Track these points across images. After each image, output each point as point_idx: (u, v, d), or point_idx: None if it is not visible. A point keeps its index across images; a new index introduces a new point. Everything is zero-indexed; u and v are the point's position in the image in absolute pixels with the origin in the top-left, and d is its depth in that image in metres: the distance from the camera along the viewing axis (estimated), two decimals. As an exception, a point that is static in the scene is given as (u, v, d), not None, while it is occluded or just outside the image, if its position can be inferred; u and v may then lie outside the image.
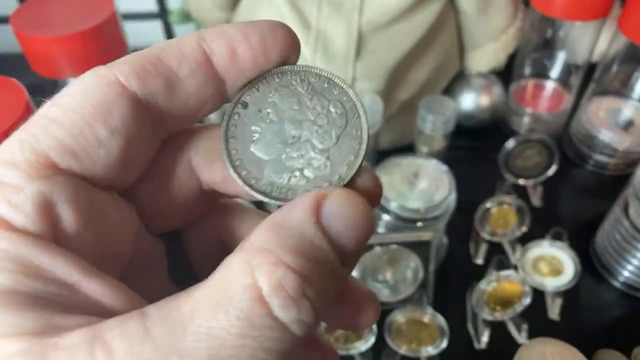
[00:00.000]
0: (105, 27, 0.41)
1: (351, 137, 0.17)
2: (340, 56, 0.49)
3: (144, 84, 0.15)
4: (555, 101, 0.60)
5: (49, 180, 0.14)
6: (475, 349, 0.43)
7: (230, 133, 0.17)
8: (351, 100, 0.17)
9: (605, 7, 0.49)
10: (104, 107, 0.14)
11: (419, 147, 0.53)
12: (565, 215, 0.53)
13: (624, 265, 0.46)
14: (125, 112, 0.15)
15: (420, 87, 0.54)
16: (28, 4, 0.42)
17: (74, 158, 0.14)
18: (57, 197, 0.14)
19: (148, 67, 0.15)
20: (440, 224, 0.44)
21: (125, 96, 0.15)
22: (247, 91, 0.17)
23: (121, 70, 0.15)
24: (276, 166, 0.16)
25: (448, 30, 0.54)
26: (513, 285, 0.42)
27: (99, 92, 0.14)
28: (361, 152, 0.17)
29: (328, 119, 0.17)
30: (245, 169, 0.16)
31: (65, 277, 0.13)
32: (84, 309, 0.13)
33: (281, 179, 0.16)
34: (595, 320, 0.45)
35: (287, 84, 0.17)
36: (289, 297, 0.12)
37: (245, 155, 0.17)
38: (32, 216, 0.13)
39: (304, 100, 0.17)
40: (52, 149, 0.14)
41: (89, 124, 0.14)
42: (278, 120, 0.17)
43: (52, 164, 0.14)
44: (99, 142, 0.14)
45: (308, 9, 0.49)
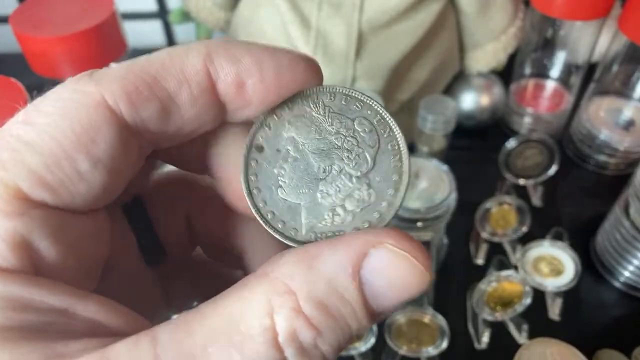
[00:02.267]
0: (105, 27, 0.41)
1: (389, 154, 0.15)
2: (340, 56, 0.49)
3: (136, 109, 0.13)
4: (556, 101, 0.60)
5: (23, 218, 0.12)
6: (476, 349, 0.43)
7: (252, 184, 0.14)
8: (377, 113, 0.15)
9: (605, 7, 0.49)
10: (88, 134, 0.12)
11: (419, 147, 0.53)
12: (566, 215, 0.53)
13: (624, 265, 0.46)
14: (111, 141, 0.13)
15: (421, 87, 0.54)
16: (28, 3, 0.42)
17: (49, 191, 0.13)
18: (34, 234, 0.12)
19: (142, 89, 0.13)
20: (441, 224, 0.44)
21: (112, 122, 0.13)
22: (259, 131, 0.15)
23: (110, 90, 0.13)
24: (313, 209, 0.14)
25: (448, 30, 0.54)
26: (513, 286, 0.42)
27: (83, 115, 0.12)
28: (404, 169, 0.15)
29: (357, 140, 0.15)
30: (280, 220, 0.14)
31: (57, 303, 0.12)
32: (82, 332, 0.12)
33: (323, 222, 0.14)
34: (596, 320, 0.45)
35: (301, 112, 0.15)
36: (302, 348, 0.12)
37: (275, 204, 0.14)
38: (8, 257, 0.12)
39: (324, 127, 0.15)
40: (23, 180, 0.12)
41: (69, 155, 0.12)
42: (301, 156, 0.15)
43: (24, 196, 0.12)
44: (79, 176, 0.13)
45: (308, 9, 0.49)
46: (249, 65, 0.14)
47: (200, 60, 0.13)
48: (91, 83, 0.13)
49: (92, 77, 0.13)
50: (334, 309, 0.12)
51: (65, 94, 0.13)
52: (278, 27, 0.51)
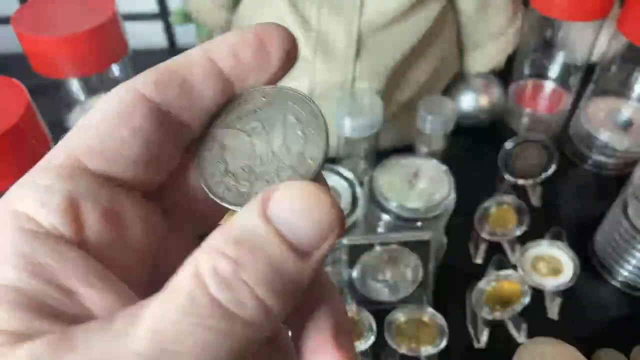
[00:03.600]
0: (106, 28, 0.41)
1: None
2: (340, 57, 0.50)
3: (161, 90, 0.16)
4: (555, 101, 0.60)
5: (78, 182, 0.15)
6: (475, 348, 0.43)
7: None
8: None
9: (604, 8, 0.49)
10: (126, 111, 0.16)
11: (419, 147, 0.53)
12: (565, 215, 0.53)
13: (623, 265, 0.46)
14: (144, 114, 0.16)
15: (420, 88, 0.54)
16: (29, 4, 0.42)
17: (101, 158, 0.16)
18: (85, 198, 0.15)
19: (163, 77, 0.16)
20: (440, 224, 0.44)
21: (144, 101, 0.16)
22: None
23: (139, 82, 0.16)
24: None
25: (448, 30, 0.54)
26: (512, 285, 0.42)
27: (121, 99, 0.16)
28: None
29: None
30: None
31: (68, 284, 0.14)
32: (75, 318, 0.13)
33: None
34: (595, 319, 0.45)
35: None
36: (224, 279, 0.13)
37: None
38: (59, 215, 0.14)
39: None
40: (82, 152, 0.15)
41: (113, 127, 0.16)
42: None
43: (82, 165, 0.15)
44: (123, 142, 0.16)
45: (308, 10, 0.49)
46: (235, 40, 0.17)
47: (200, 52, 0.17)
48: (127, 82, 0.17)
49: (128, 80, 0.17)
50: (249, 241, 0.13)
51: (108, 94, 0.16)
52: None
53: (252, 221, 0.14)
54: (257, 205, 0.14)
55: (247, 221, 0.14)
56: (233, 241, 0.13)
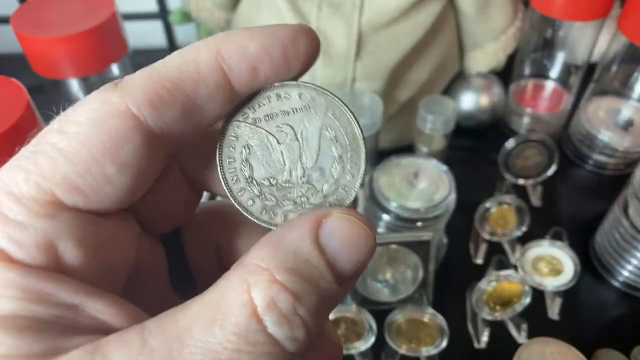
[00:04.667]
0: (106, 27, 0.41)
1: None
2: (340, 56, 0.50)
3: (159, 114, 0.14)
4: (555, 101, 0.60)
5: (53, 219, 0.13)
6: (475, 348, 0.43)
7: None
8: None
9: (604, 7, 0.49)
10: (114, 141, 0.14)
11: (419, 147, 0.53)
12: (565, 215, 0.53)
13: (623, 265, 0.46)
14: (136, 146, 0.14)
15: (420, 87, 0.54)
16: (28, 4, 0.42)
17: (80, 195, 0.14)
18: (61, 236, 0.14)
19: (163, 94, 0.14)
20: (440, 224, 0.44)
21: (137, 129, 0.14)
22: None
23: (134, 99, 0.14)
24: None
25: (448, 30, 0.54)
26: (513, 285, 0.42)
27: (110, 123, 0.14)
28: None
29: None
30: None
31: (69, 299, 0.13)
32: (89, 329, 0.13)
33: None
34: (595, 319, 0.45)
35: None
36: (282, 315, 0.13)
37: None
38: (34, 254, 0.13)
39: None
40: (58, 186, 0.13)
41: (97, 160, 0.14)
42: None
43: (57, 200, 0.14)
44: (106, 179, 0.14)
45: (308, 9, 0.49)
46: (257, 52, 0.14)
47: (212, 58, 0.14)
48: (116, 93, 0.14)
49: (116, 87, 0.14)
50: (305, 273, 0.13)
51: (93, 104, 0.14)
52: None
53: (305, 247, 0.14)
54: (309, 232, 0.14)
55: (300, 247, 0.14)
56: (289, 270, 0.13)
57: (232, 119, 0.16)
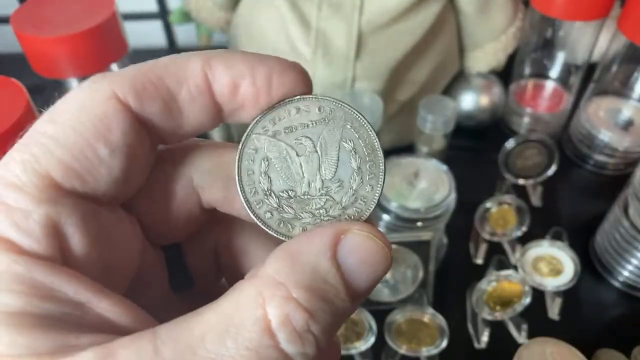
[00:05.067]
0: (106, 27, 0.41)
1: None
2: (340, 56, 0.50)
3: (142, 104, 0.15)
4: (555, 101, 0.60)
5: (56, 204, 0.14)
6: (475, 348, 0.43)
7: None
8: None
9: (605, 7, 0.49)
10: (104, 124, 0.14)
11: (419, 147, 0.53)
12: (565, 215, 0.53)
13: (623, 265, 0.46)
14: (124, 129, 0.14)
15: (420, 87, 0.54)
16: (28, 4, 0.42)
17: (77, 178, 0.14)
18: (65, 220, 0.14)
19: (147, 86, 0.15)
20: (440, 224, 0.44)
21: (123, 112, 0.14)
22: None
23: (119, 86, 0.14)
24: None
25: (448, 30, 0.54)
26: (513, 285, 0.42)
27: (97, 108, 0.14)
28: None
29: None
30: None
31: (76, 296, 0.13)
32: (95, 327, 0.13)
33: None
34: (595, 319, 0.45)
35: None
36: (295, 332, 0.13)
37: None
38: (41, 240, 0.13)
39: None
40: (55, 170, 0.14)
41: (90, 143, 0.14)
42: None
43: (56, 185, 0.14)
44: (101, 161, 0.14)
45: (308, 9, 0.49)
46: (242, 69, 0.15)
47: (199, 65, 0.15)
48: (104, 82, 0.14)
49: (104, 77, 0.15)
50: (322, 292, 0.13)
51: (81, 93, 0.14)
52: (278, 28, 0.51)
53: (323, 265, 0.14)
54: (328, 248, 0.14)
55: (318, 263, 0.14)
56: (305, 287, 0.13)
57: (252, 132, 0.16)
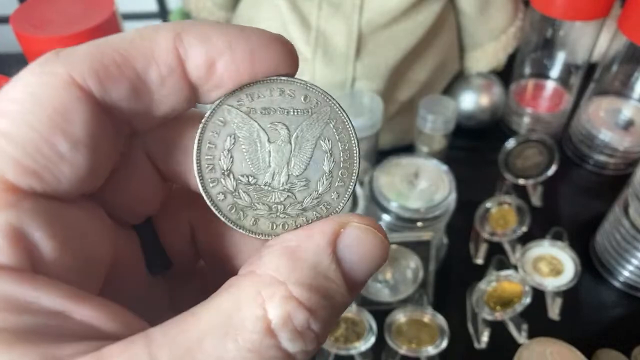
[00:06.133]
0: (105, 27, 0.41)
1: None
2: (340, 56, 0.49)
3: (105, 88, 0.13)
4: (555, 101, 0.60)
5: (15, 208, 0.12)
6: (475, 348, 0.43)
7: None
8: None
9: (605, 7, 0.49)
10: (62, 115, 0.12)
11: (419, 147, 0.53)
12: (565, 215, 0.53)
13: (624, 265, 0.46)
14: (86, 119, 0.13)
15: (420, 87, 0.54)
16: (28, 3, 0.42)
17: (35, 178, 0.12)
18: (28, 224, 0.12)
19: (111, 68, 0.13)
20: (440, 224, 0.44)
21: (84, 101, 0.12)
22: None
23: (78, 69, 0.12)
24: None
25: (448, 30, 0.54)
26: (513, 285, 0.42)
27: (55, 97, 0.12)
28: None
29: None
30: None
31: (53, 305, 0.12)
32: (79, 335, 0.12)
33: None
34: (595, 320, 0.45)
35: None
36: (296, 331, 0.12)
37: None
38: (6, 251, 0.12)
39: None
40: (8, 170, 0.12)
41: (47, 139, 0.12)
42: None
43: (12, 187, 0.12)
44: (61, 158, 0.12)
45: (308, 9, 0.49)
46: (220, 45, 0.13)
47: (170, 39, 0.13)
48: (58, 63, 0.13)
49: (59, 57, 0.13)
50: (322, 289, 0.13)
51: (33, 78, 0.13)
52: (278, 27, 0.51)
53: (324, 262, 0.13)
54: (328, 244, 0.14)
55: (319, 261, 0.13)
56: (306, 285, 0.13)
57: (224, 102, 0.14)
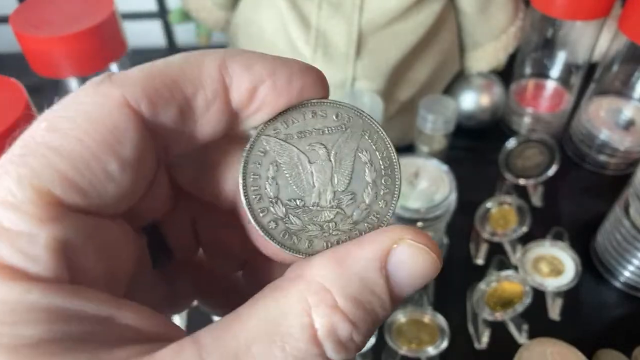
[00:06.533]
0: (105, 27, 0.41)
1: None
2: (341, 56, 0.49)
3: (156, 111, 0.13)
4: (556, 101, 0.60)
5: (59, 223, 0.12)
6: (476, 349, 0.43)
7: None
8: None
9: (605, 7, 0.49)
10: (114, 135, 0.12)
11: (419, 147, 0.53)
12: (566, 215, 0.53)
13: (624, 265, 0.46)
14: (137, 141, 0.13)
15: (421, 87, 0.54)
16: (27, 3, 0.42)
17: (80, 194, 0.13)
18: (71, 240, 0.12)
19: (162, 92, 0.13)
20: (441, 224, 0.44)
21: (136, 123, 0.13)
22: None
23: (130, 90, 0.13)
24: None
25: (448, 29, 0.54)
26: (513, 285, 0.42)
27: (108, 117, 0.13)
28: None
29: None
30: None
31: (98, 312, 0.12)
32: (126, 339, 0.13)
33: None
34: (596, 320, 0.45)
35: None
36: (340, 342, 0.13)
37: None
38: (50, 265, 0.12)
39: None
40: (55, 184, 0.12)
41: (97, 157, 0.12)
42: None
43: (57, 202, 0.12)
44: (109, 177, 0.13)
45: (308, 9, 0.49)
46: (261, 72, 0.14)
47: (216, 66, 0.14)
48: (112, 85, 0.13)
49: (112, 80, 0.13)
50: (367, 303, 0.13)
51: (87, 98, 0.13)
52: (278, 27, 0.51)
53: (372, 276, 0.13)
54: (379, 258, 0.14)
55: (367, 273, 0.13)
56: (352, 299, 0.13)
57: (262, 133, 0.15)
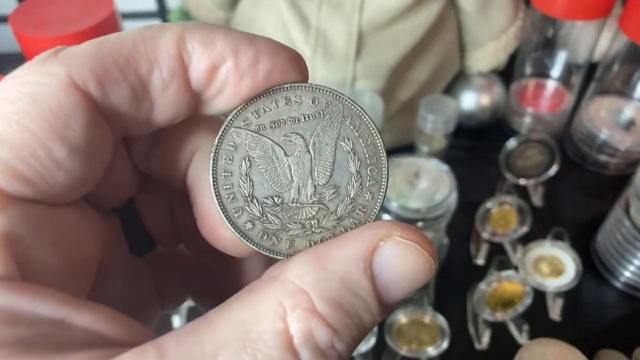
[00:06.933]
0: (105, 26, 0.40)
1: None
2: (341, 56, 0.49)
3: (106, 92, 0.12)
4: (556, 101, 0.60)
5: (3, 215, 0.11)
6: (476, 349, 0.43)
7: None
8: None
9: (606, 7, 0.49)
10: (61, 119, 0.11)
11: (420, 146, 0.53)
12: (566, 215, 0.53)
13: (625, 266, 0.46)
14: (85, 125, 0.12)
15: (421, 87, 0.54)
16: (27, 3, 0.42)
17: (27, 184, 0.12)
18: (17, 231, 0.11)
19: (112, 71, 0.12)
20: (441, 224, 0.44)
21: (84, 105, 0.12)
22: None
23: (77, 69, 0.12)
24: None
25: (448, 29, 0.54)
26: (514, 286, 0.42)
27: (53, 99, 0.11)
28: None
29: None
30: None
31: (51, 314, 0.11)
32: (83, 343, 0.11)
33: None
34: (596, 320, 0.45)
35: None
36: (318, 350, 0.11)
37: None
38: None
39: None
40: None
41: (44, 144, 0.11)
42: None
43: (0, 192, 0.11)
44: (57, 164, 0.12)
45: (308, 9, 0.49)
46: (224, 49, 0.13)
47: (174, 42, 0.12)
48: (58, 63, 0.12)
49: (58, 57, 0.12)
50: (349, 306, 0.12)
51: (31, 77, 0.12)
52: (278, 27, 0.51)
53: (355, 276, 0.12)
54: (362, 257, 0.12)
55: (349, 274, 0.12)
56: (331, 302, 0.12)
57: (230, 124, 0.14)
